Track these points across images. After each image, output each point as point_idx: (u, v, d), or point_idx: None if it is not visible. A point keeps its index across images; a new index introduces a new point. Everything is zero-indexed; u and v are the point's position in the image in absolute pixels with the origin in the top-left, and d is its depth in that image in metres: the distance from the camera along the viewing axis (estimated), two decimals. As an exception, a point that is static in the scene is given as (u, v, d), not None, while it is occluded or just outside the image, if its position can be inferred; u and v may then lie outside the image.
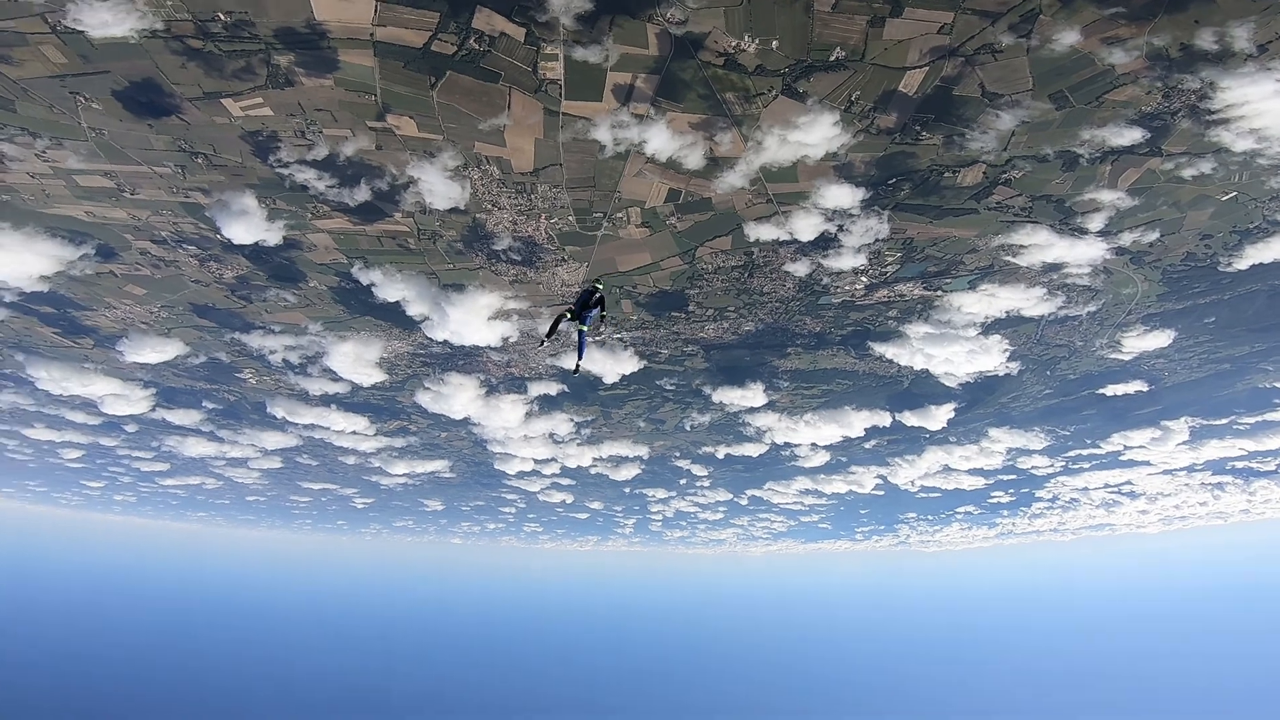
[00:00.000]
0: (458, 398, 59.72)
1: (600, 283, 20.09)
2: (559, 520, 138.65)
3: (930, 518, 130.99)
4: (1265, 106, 27.00)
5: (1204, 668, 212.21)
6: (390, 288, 41.35)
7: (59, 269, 39.89)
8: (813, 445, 73.90)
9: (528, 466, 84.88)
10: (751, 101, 28.23)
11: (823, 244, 37.54)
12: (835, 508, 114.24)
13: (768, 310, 45.38)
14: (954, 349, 48.09)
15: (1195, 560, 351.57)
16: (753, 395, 58.69)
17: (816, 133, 29.09)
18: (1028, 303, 43.88)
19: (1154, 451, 78.42)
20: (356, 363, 53.22)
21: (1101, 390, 60.54)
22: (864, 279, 41.80)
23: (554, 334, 19.75)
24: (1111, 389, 60.03)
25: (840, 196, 33.38)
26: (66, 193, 34.05)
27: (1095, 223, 35.75)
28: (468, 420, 65.20)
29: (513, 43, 25.95)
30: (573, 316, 19.61)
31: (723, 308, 45.10)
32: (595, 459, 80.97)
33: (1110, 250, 38.34)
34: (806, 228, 35.63)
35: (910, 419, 65.60)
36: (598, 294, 19.88)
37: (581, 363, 20.59)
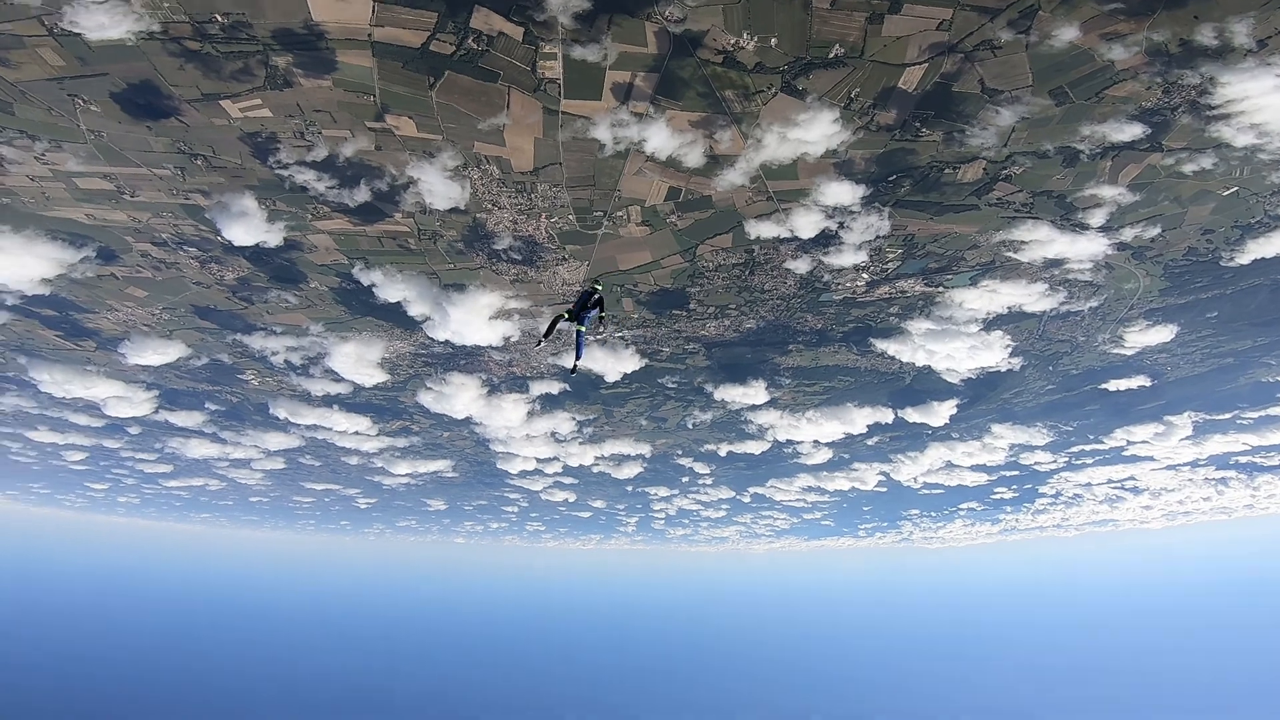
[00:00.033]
0: (460, 397, 59.80)
1: (599, 283, 20.10)
2: (562, 519, 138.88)
3: (933, 514, 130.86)
4: (1265, 101, 26.94)
5: (1208, 663, 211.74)
6: (391, 288, 41.40)
7: (60, 272, 40.01)
8: (815, 442, 73.93)
9: (530, 466, 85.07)
10: (751, 99, 28.19)
11: (823, 241, 37.53)
12: (838, 505, 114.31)
13: (769, 308, 45.35)
14: (956, 345, 48.03)
15: (1199, 555, 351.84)
16: (755, 393, 58.72)
17: (816, 130, 29.07)
18: (1029, 298, 43.80)
19: (1157, 447, 78.39)
20: (358, 363, 53.29)
21: (1104, 385, 60.46)
22: (865, 276, 41.76)
23: (551, 334, 19.75)
24: (1114, 384, 59.95)
25: (840, 193, 33.37)
26: (66, 195, 34.09)
27: (1096, 218, 35.67)
28: (470, 420, 65.34)
29: (511, 42, 25.94)
30: (570, 318, 19.61)
31: (724, 305, 45.07)
32: (597, 457, 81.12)
33: (1112, 245, 38.24)
34: (807, 225, 35.63)
35: (913, 415, 65.55)
36: (596, 295, 19.88)
37: (580, 363, 20.65)
